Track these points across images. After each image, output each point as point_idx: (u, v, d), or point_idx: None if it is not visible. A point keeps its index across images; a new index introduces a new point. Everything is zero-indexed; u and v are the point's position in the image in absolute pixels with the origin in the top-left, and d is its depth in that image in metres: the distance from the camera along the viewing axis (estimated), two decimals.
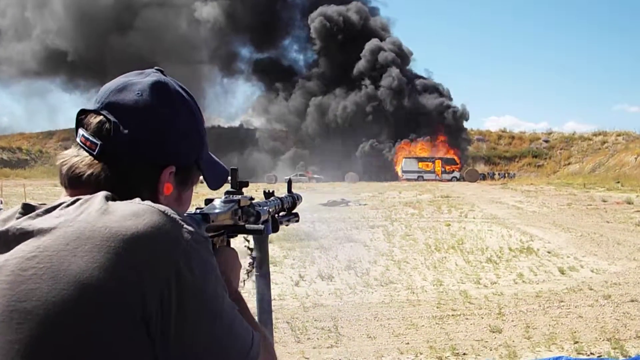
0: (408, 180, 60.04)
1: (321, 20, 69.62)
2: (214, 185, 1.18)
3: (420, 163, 64.13)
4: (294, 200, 1.71)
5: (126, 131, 1.01)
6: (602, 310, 7.63)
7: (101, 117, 1.03)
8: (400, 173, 63.94)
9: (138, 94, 1.04)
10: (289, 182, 1.80)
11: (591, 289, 8.80)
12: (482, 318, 7.34)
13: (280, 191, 1.70)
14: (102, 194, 0.95)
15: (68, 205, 0.94)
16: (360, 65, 68.83)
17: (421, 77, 72.62)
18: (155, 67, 1.13)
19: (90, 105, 1.06)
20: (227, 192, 1.36)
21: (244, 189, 1.40)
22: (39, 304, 0.84)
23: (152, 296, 0.86)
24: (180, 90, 1.11)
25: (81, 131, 1.04)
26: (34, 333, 0.83)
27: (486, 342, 6.41)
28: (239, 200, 1.31)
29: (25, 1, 69.42)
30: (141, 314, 0.85)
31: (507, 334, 6.67)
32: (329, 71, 71.83)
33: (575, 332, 6.71)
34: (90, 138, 1.02)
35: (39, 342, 0.83)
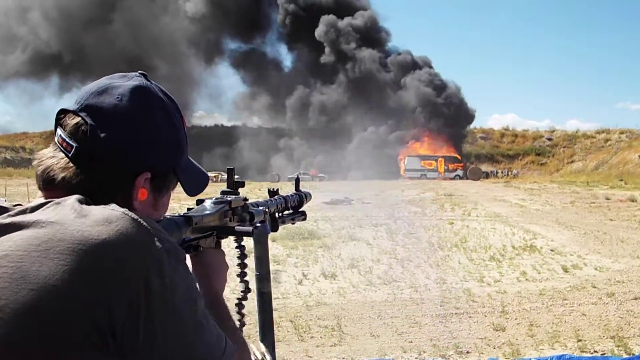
0: (411, 178, 60.01)
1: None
2: (192, 192, 1.16)
3: (423, 161, 64.07)
4: (301, 198, 1.70)
5: (103, 135, 1.00)
6: (606, 308, 7.62)
7: (79, 118, 1.01)
8: (403, 171, 63.90)
9: (118, 98, 1.03)
10: (297, 180, 1.80)
11: (594, 287, 8.80)
12: (486, 316, 7.34)
13: (284, 190, 1.70)
14: (75, 197, 0.95)
15: (40, 206, 0.94)
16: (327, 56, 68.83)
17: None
18: (139, 71, 1.11)
19: (71, 105, 1.05)
20: (222, 192, 1.36)
21: (240, 189, 1.40)
22: (7, 302, 0.83)
23: (119, 304, 0.85)
24: (161, 95, 1.10)
25: (59, 131, 1.03)
26: (2, 331, 0.83)
27: (490, 340, 6.41)
28: (230, 201, 1.31)
29: (9, 9, 69.41)
30: (108, 321, 0.85)
31: (510, 332, 6.67)
32: (304, 64, 71.77)
33: (578, 330, 6.71)
34: (67, 139, 1.01)
35: (6, 341, 0.83)
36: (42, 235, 0.88)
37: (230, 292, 1.61)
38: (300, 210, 1.73)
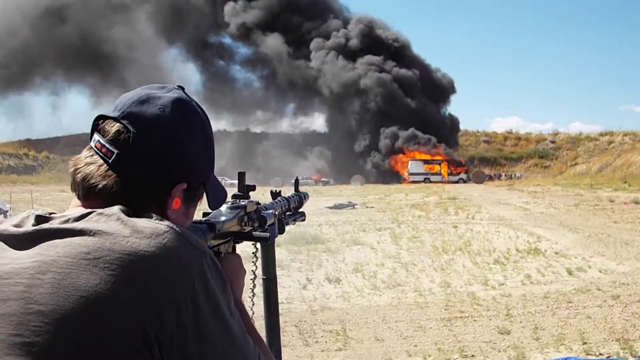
0: (415, 182, 59.95)
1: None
2: (215, 206, 1.18)
3: (426, 165, 64.01)
4: (301, 199, 1.72)
5: (144, 143, 1.01)
6: (611, 311, 7.61)
7: (120, 125, 1.02)
8: (406, 175, 63.87)
9: (160, 108, 1.04)
10: (296, 181, 1.81)
11: (599, 290, 8.78)
12: (490, 320, 7.33)
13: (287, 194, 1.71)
14: (118, 207, 0.96)
15: (85, 215, 0.95)
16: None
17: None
18: (177, 85, 1.13)
19: (110, 112, 1.05)
20: (234, 196, 1.37)
21: (250, 193, 1.41)
22: (55, 308, 0.85)
23: (169, 316, 0.87)
24: (199, 110, 1.11)
25: (97, 136, 1.04)
26: (49, 337, 0.85)
27: (495, 343, 6.40)
28: (245, 206, 1.32)
29: None
30: (155, 333, 0.87)
31: (515, 336, 6.66)
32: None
33: (583, 332, 6.70)
34: (107, 145, 1.02)
35: (51, 348, 0.85)
36: (91, 244, 0.90)
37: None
38: (300, 211, 1.75)
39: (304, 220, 1.74)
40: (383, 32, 70.96)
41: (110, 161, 1.01)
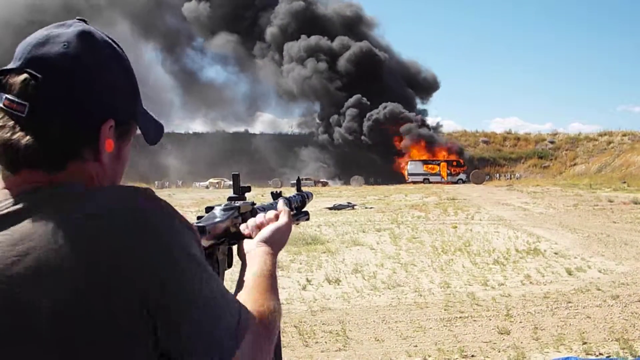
0: (414, 183, 60.04)
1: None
2: (152, 139, 1.09)
3: (425, 166, 64.10)
4: (304, 198, 1.72)
5: (55, 86, 0.93)
6: (611, 311, 7.61)
7: (25, 75, 0.93)
8: (406, 176, 63.97)
9: (64, 45, 0.95)
10: (298, 181, 1.81)
11: (599, 290, 8.78)
12: (490, 320, 7.33)
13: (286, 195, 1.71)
14: (79, 184, 0.94)
15: (24, 197, 0.91)
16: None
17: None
18: (78, 17, 1.04)
19: (10, 65, 0.96)
20: (229, 198, 1.37)
21: (246, 194, 1.41)
22: (39, 305, 0.84)
23: (153, 283, 0.87)
24: (108, 40, 1.03)
25: (3, 95, 0.94)
26: (40, 332, 0.84)
27: (494, 343, 6.40)
28: (239, 207, 1.32)
29: None
30: (145, 307, 0.86)
31: (515, 336, 6.66)
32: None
33: (583, 332, 6.70)
34: (16, 100, 0.93)
35: (44, 344, 0.84)
36: (50, 232, 0.86)
37: None
38: (304, 210, 1.74)
39: (308, 219, 1.74)
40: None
41: (24, 115, 0.93)
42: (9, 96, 0.93)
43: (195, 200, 31.62)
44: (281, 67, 71.19)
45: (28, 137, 0.92)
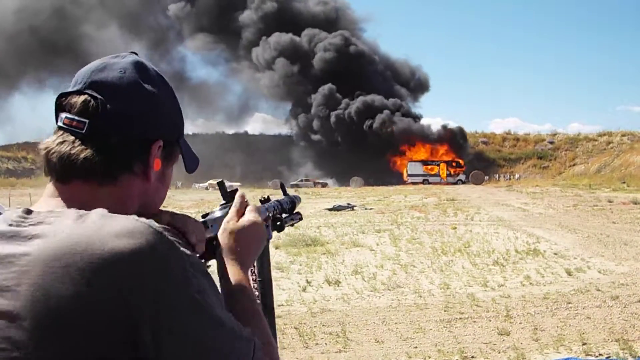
0: (413, 183, 60.07)
1: None
2: (191, 167, 1.18)
3: (425, 167, 64.12)
4: (293, 201, 1.73)
5: (113, 106, 1.02)
6: (610, 311, 7.62)
7: (85, 96, 1.02)
8: (405, 176, 63.98)
9: (121, 71, 1.05)
10: (282, 185, 1.83)
11: (599, 290, 8.79)
12: (490, 321, 7.33)
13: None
14: (100, 210, 0.94)
15: (54, 214, 0.94)
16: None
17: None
18: (130, 51, 1.14)
19: (69, 88, 1.05)
20: (221, 205, 1.38)
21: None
22: (36, 320, 0.84)
23: (148, 311, 0.86)
24: (157, 70, 1.13)
25: (64, 114, 1.03)
26: (34, 349, 0.84)
27: (494, 344, 6.40)
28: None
29: None
30: (137, 332, 0.85)
31: (515, 337, 6.67)
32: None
33: (583, 333, 6.70)
34: (77, 118, 1.01)
35: (38, 357, 0.85)
36: (65, 247, 0.87)
37: None
38: (296, 211, 1.76)
39: (300, 219, 1.75)
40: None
41: (83, 131, 1.01)
42: (68, 115, 1.03)
43: (194, 201, 31.68)
44: (256, 71, 71.31)
45: (87, 152, 1.00)
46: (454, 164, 64.69)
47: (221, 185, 1.39)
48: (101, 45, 61.66)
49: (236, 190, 1.38)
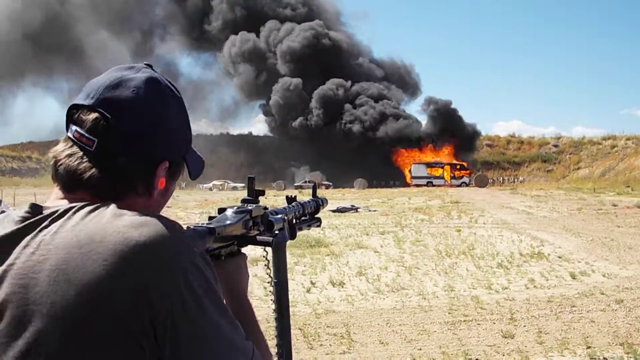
0: (417, 186, 60.01)
1: None
2: (195, 176, 1.21)
3: (429, 169, 64.01)
4: (318, 204, 1.73)
5: (123, 128, 1.03)
6: (615, 315, 7.61)
7: (96, 114, 1.03)
8: (409, 179, 63.90)
9: (134, 90, 1.05)
10: (314, 186, 1.83)
11: (603, 294, 8.78)
12: (494, 323, 7.34)
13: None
14: (113, 205, 0.99)
15: (77, 210, 0.97)
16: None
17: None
18: (145, 63, 1.14)
19: (81, 99, 1.06)
20: (243, 200, 1.39)
21: (260, 197, 1.44)
22: (54, 306, 0.88)
23: (162, 303, 0.90)
24: (170, 86, 1.13)
25: (74, 127, 1.05)
26: (50, 334, 0.88)
27: (498, 347, 6.41)
28: (251, 211, 1.35)
29: None
30: (150, 320, 0.89)
31: (519, 339, 6.67)
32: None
33: (587, 336, 6.71)
34: (86, 135, 1.03)
35: (54, 342, 0.88)
36: (83, 238, 0.91)
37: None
38: (316, 216, 1.76)
39: (319, 225, 1.75)
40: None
41: (92, 150, 1.03)
42: (79, 130, 1.04)
43: (198, 201, 31.68)
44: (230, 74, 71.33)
45: (93, 170, 1.03)
46: (458, 167, 64.53)
47: (251, 182, 1.41)
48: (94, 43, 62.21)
49: (263, 192, 1.41)
